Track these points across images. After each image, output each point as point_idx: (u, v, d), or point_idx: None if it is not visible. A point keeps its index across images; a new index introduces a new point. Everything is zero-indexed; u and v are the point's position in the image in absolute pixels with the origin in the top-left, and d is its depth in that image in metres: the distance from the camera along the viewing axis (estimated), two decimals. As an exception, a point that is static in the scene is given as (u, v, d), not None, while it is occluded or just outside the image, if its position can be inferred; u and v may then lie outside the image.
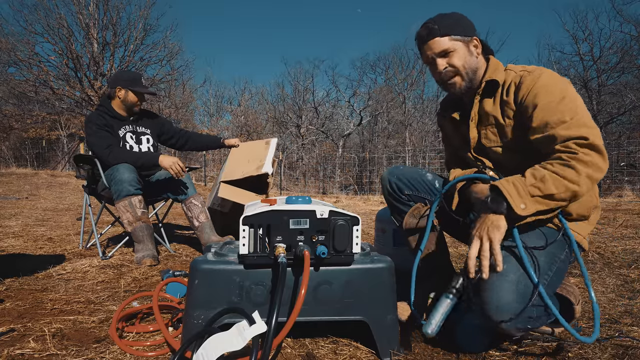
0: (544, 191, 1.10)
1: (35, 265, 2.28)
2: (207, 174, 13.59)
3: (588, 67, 18.66)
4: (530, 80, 1.24)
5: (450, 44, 1.32)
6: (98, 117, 2.61)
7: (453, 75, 1.35)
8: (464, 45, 1.33)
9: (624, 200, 7.03)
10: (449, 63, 1.34)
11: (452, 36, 1.32)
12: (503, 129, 1.32)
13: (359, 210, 6.40)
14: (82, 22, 15.15)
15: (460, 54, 1.33)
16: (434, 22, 1.34)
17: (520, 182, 1.13)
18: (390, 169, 1.58)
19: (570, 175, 1.10)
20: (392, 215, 1.61)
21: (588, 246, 1.34)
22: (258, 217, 1.15)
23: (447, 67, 1.34)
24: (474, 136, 1.41)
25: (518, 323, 1.09)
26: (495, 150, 1.36)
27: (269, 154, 2.91)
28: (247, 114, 23.72)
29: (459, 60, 1.33)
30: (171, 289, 1.69)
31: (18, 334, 1.34)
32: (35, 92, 15.38)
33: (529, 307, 1.09)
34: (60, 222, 4.25)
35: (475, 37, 1.35)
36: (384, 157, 16.11)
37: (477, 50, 1.36)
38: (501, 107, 1.32)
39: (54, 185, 9.43)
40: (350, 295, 1.19)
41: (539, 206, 1.11)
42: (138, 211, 2.46)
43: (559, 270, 1.21)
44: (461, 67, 1.34)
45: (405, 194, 1.53)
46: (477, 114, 1.39)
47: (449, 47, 1.32)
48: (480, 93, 1.37)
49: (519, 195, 1.10)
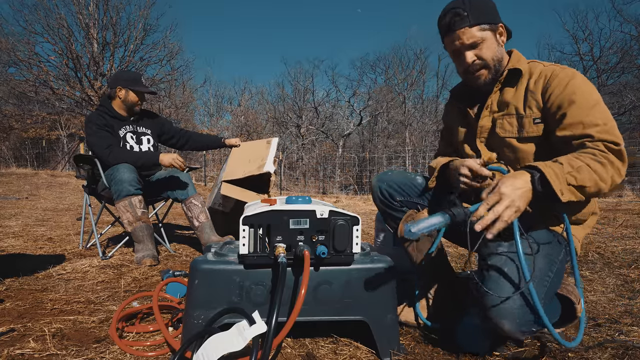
0: (578, 182, 1.06)
1: (35, 265, 2.28)
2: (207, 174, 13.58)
3: (588, 67, 18.68)
4: (565, 75, 1.20)
5: (480, 34, 1.24)
6: (98, 117, 2.61)
7: (480, 67, 1.28)
8: (492, 35, 1.26)
9: (624, 200, 7.03)
10: (478, 56, 1.26)
11: (482, 25, 1.23)
12: (522, 119, 1.26)
13: (359, 210, 6.40)
14: (82, 22, 15.15)
15: (489, 44, 1.25)
16: (463, 7, 1.23)
17: (558, 168, 1.07)
18: (379, 175, 1.53)
19: (601, 172, 1.08)
20: (386, 222, 1.58)
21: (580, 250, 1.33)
22: (258, 217, 1.15)
23: (476, 60, 1.27)
24: (485, 125, 1.35)
25: (522, 327, 1.08)
26: (509, 141, 1.30)
27: (270, 153, 2.91)
28: (247, 114, 23.72)
29: (489, 52, 1.26)
30: (171, 289, 1.69)
31: (18, 334, 1.34)
32: (35, 92, 15.38)
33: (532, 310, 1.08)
34: (60, 222, 4.25)
35: (501, 23, 1.28)
36: (384, 157, 16.11)
37: (502, 38, 1.29)
38: (525, 97, 1.27)
39: (54, 185, 9.43)
40: (350, 295, 1.19)
41: (571, 196, 1.07)
42: (138, 211, 2.46)
43: (558, 271, 1.21)
44: (490, 60, 1.27)
45: (397, 200, 1.49)
46: (494, 103, 1.33)
47: (479, 39, 1.24)
48: (502, 81, 1.31)
49: (558, 180, 1.05)
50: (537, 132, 1.25)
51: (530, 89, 1.27)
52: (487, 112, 1.36)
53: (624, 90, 17.08)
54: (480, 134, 1.38)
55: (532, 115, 1.25)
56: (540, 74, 1.26)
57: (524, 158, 1.28)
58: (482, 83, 1.31)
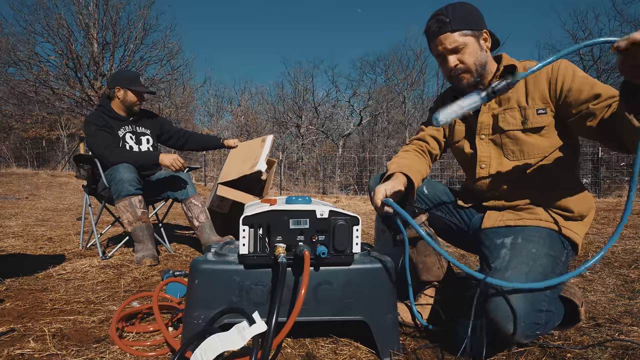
0: None
1: (35, 265, 2.28)
2: (207, 174, 13.59)
3: (588, 67, 18.67)
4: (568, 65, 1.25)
5: (462, 40, 1.28)
6: (98, 117, 2.61)
7: (462, 71, 1.32)
8: (474, 40, 1.30)
9: (624, 200, 7.02)
10: (460, 60, 1.30)
11: (463, 31, 1.28)
12: (525, 111, 1.30)
13: (359, 210, 6.40)
14: (82, 22, 15.16)
15: (471, 49, 1.30)
16: (445, 14, 1.29)
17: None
18: (377, 177, 1.53)
19: None
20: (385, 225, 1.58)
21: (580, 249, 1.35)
22: (258, 217, 1.15)
23: (458, 64, 1.31)
24: (485, 121, 1.38)
25: (527, 330, 1.08)
26: (513, 134, 1.33)
27: (263, 152, 2.90)
28: (247, 114, 23.72)
29: (470, 57, 1.30)
30: (171, 289, 1.69)
31: (18, 334, 1.34)
32: (35, 92, 15.38)
33: (536, 312, 1.09)
34: (60, 222, 4.25)
35: (485, 29, 1.32)
36: (384, 157, 16.10)
37: (486, 44, 1.34)
38: (526, 90, 1.31)
39: (54, 185, 9.43)
40: (350, 295, 1.19)
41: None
42: (138, 211, 2.46)
43: (561, 272, 1.21)
44: (472, 65, 1.31)
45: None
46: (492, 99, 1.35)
47: (461, 44, 1.28)
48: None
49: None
50: (542, 123, 1.28)
51: (529, 82, 1.30)
52: (486, 109, 1.39)
53: (624, 90, 17.05)
54: (480, 130, 1.40)
55: (536, 106, 1.29)
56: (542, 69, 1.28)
57: (528, 151, 1.31)
58: (466, 85, 1.36)
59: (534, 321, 1.08)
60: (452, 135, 1.51)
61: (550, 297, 1.14)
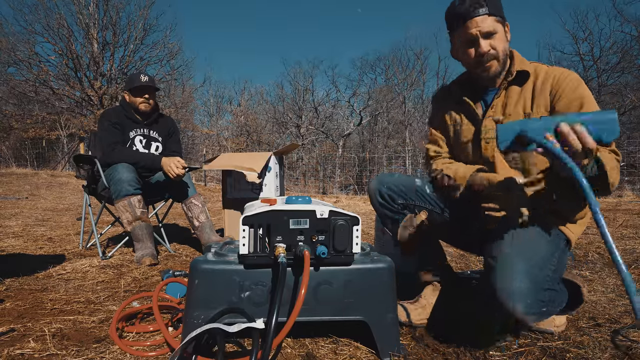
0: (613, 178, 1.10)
1: (35, 265, 2.28)
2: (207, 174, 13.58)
3: (588, 67, 18.67)
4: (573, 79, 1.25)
5: (495, 26, 1.25)
6: (114, 114, 2.67)
7: (493, 58, 1.29)
8: (503, 29, 1.28)
9: (624, 200, 7.02)
10: (492, 46, 1.27)
11: (497, 17, 1.25)
12: (529, 117, 1.30)
13: (359, 210, 6.40)
14: (82, 22, 15.14)
15: (501, 37, 1.28)
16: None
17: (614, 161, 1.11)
18: (379, 177, 1.53)
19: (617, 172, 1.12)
20: (385, 226, 1.57)
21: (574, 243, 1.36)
22: (258, 217, 1.15)
23: (491, 50, 1.27)
24: (489, 125, 1.37)
25: (532, 308, 1.09)
26: None
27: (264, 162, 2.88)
28: (247, 114, 23.70)
29: (501, 44, 1.27)
30: (171, 289, 1.69)
31: (18, 334, 1.34)
32: (35, 92, 15.37)
33: (540, 290, 1.11)
34: (60, 222, 4.25)
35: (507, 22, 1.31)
36: (384, 157, 16.11)
37: (508, 35, 1.32)
38: (532, 97, 1.30)
39: (54, 185, 9.43)
40: (350, 295, 1.19)
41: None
42: (137, 211, 2.46)
43: (560, 257, 1.23)
44: (501, 52, 1.29)
45: (398, 203, 1.48)
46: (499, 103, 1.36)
47: (495, 29, 1.25)
48: (509, 81, 1.34)
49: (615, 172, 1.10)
50: None
51: (537, 89, 1.30)
52: (492, 112, 1.37)
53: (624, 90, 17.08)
54: (485, 133, 1.39)
55: (540, 114, 1.28)
56: (547, 76, 1.29)
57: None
58: (491, 75, 1.32)
59: (539, 298, 1.11)
60: (459, 134, 1.49)
61: (552, 277, 1.17)
